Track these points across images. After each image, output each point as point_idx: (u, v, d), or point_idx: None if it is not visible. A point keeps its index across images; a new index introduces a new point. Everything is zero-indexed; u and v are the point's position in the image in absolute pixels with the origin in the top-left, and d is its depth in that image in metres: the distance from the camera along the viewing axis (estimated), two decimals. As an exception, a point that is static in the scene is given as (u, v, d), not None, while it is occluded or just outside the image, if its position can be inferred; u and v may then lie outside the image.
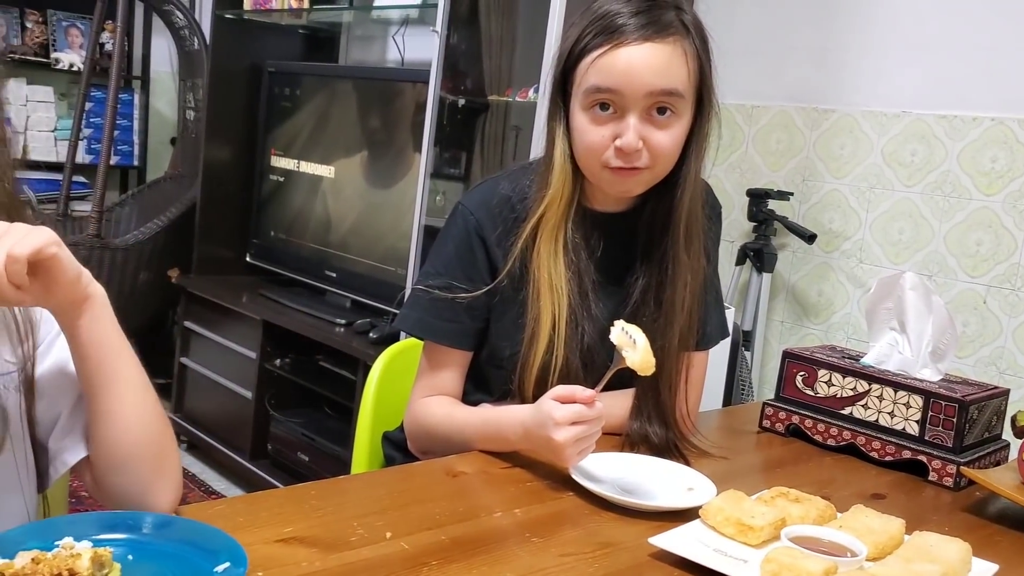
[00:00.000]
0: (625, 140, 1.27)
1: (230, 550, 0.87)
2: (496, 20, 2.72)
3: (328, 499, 1.11)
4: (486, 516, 1.11)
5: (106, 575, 0.82)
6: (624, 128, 1.27)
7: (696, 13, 1.33)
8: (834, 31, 2.57)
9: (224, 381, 3.37)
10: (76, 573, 0.79)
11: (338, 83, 3.36)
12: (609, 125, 1.28)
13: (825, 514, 1.14)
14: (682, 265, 1.36)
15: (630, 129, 1.27)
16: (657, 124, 1.28)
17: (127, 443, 0.96)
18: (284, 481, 3.06)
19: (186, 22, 3.92)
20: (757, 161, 2.74)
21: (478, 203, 1.40)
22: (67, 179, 3.84)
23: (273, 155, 3.54)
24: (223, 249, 3.68)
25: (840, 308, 2.58)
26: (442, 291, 1.37)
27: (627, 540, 1.07)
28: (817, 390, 1.53)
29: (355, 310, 3.13)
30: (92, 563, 0.81)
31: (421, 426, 1.42)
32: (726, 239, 2.29)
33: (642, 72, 1.25)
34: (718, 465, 1.35)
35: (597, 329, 1.37)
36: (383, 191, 3.12)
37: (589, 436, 1.20)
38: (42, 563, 0.79)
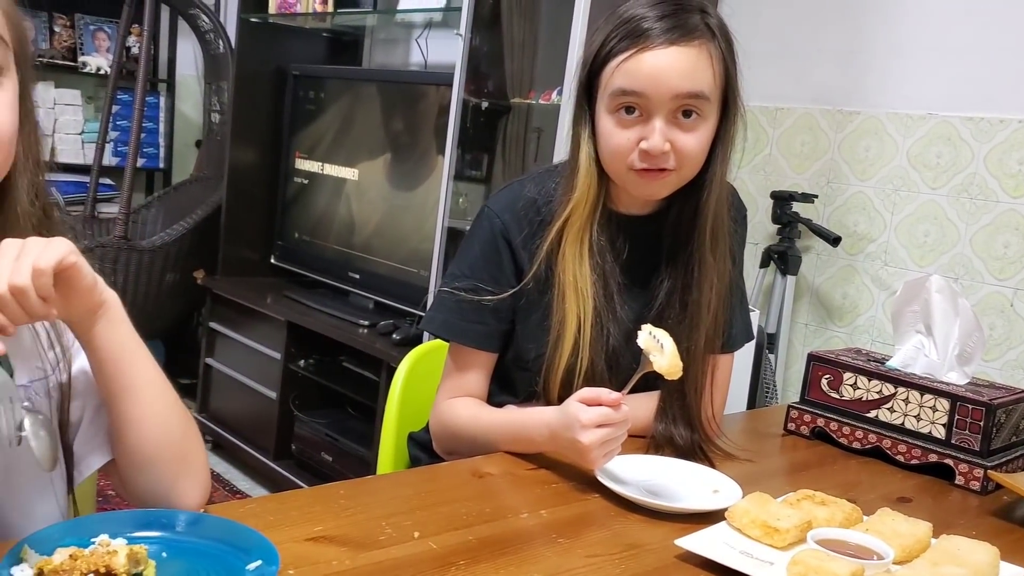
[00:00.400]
0: (651, 143, 1.27)
1: (262, 548, 0.88)
2: (519, 23, 2.73)
3: (356, 499, 1.12)
4: (512, 517, 1.12)
5: (141, 572, 0.84)
6: (650, 131, 1.28)
7: (721, 16, 1.33)
8: (859, 33, 2.56)
9: (249, 381, 3.39)
10: (113, 570, 0.81)
11: (362, 86, 3.38)
12: (635, 128, 1.29)
13: (851, 517, 1.14)
14: (708, 267, 1.36)
15: (656, 132, 1.27)
16: (683, 127, 1.29)
17: (149, 445, 0.97)
18: (308, 481, 3.08)
19: (211, 25, 3.95)
20: (781, 163, 2.73)
21: (504, 206, 1.41)
22: (94, 181, 3.88)
23: (297, 157, 3.56)
24: (248, 251, 3.71)
25: (865, 311, 2.57)
26: (468, 293, 1.38)
27: (653, 542, 1.08)
28: (842, 393, 1.53)
29: (378, 311, 3.15)
30: (128, 560, 0.82)
31: (447, 427, 1.43)
32: (750, 241, 2.28)
33: (668, 75, 1.26)
34: (743, 468, 1.35)
35: (622, 331, 1.38)
36: (406, 193, 3.13)
37: (615, 439, 1.20)
38: (80, 560, 0.81)
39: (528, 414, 1.32)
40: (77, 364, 1.01)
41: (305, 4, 3.42)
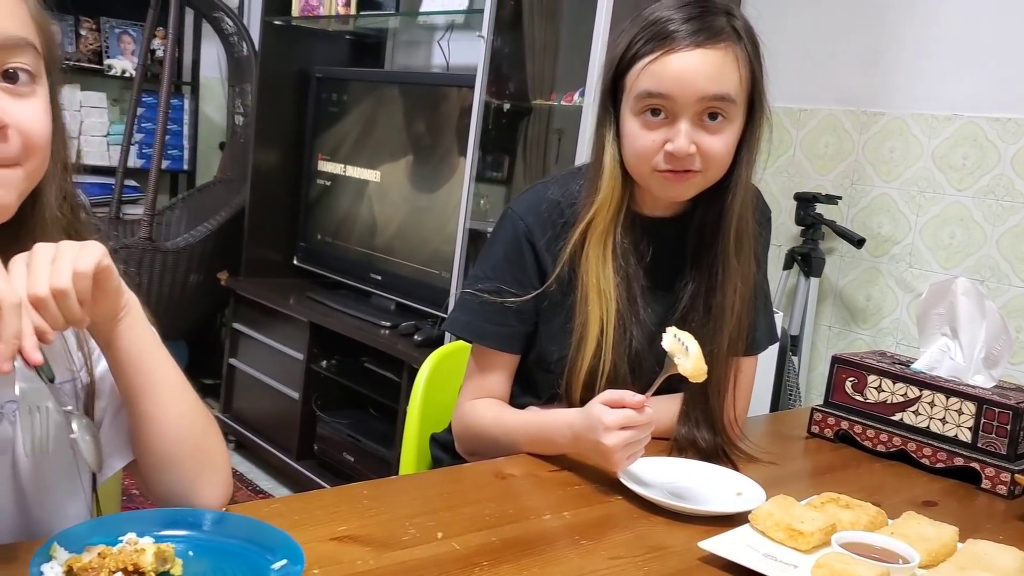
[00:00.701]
0: (677, 145, 1.27)
1: (287, 547, 0.89)
2: (540, 24, 2.73)
3: (380, 499, 1.12)
4: (535, 518, 1.12)
5: (169, 570, 0.85)
6: (675, 133, 1.27)
7: (747, 19, 1.33)
8: (883, 33, 2.54)
9: (271, 382, 3.41)
10: (140, 568, 0.82)
11: (384, 88, 3.39)
12: (660, 130, 1.29)
13: (876, 520, 1.13)
14: (732, 270, 1.36)
15: (681, 134, 1.27)
16: (709, 129, 1.28)
17: (168, 444, 0.97)
18: (330, 481, 3.09)
19: (235, 28, 3.98)
20: (805, 165, 2.72)
21: (527, 208, 1.41)
22: (119, 183, 3.91)
23: (320, 159, 3.58)
24: (271, 252, 3.73)
25: (889, 313, 2.55)
26: (491, 295, 1.39)
27: (676, 544, 1.07)
28: (867, 396, 1.52)
29: (400, 313, 3.16)
30: (156, 558, 0.83)
31: (469, 428, 1.43)
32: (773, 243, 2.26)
33: (694, 77, 1.26)
34: (767, 470, 1.35)
35: (645, 334, 1.38)
36: (428, 195, 3.14)
37: (638, 441, 1.20)
38: (108, 558, 0.81)
39: (551, 416, 1.33)
40: (101, 366, 1.02)
41: (328, 6, 3.44)
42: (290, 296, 3.42)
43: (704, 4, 1.29)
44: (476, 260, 1.49)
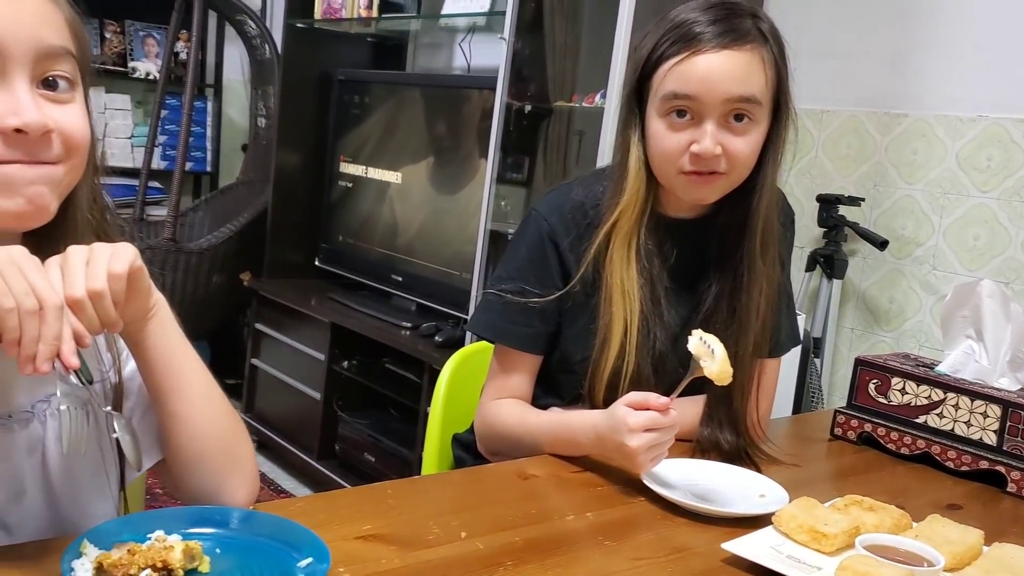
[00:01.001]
0: (702, 146, 1.27)
1: (313, 546, 0.90)
2: (562, 26, 2.74)
3: (404, 498, 1.13)
4: (558, 519, 1.12)
5: (196, 567, 0.86)
6: (701, 134, 1.28)
7: (772, 21, 1.33)
8: (907, 34, 2.53)
9: (293, 382, 3.43)
10: (169, 564, 0.83)
11: (406, 90, 3.41)
12: (686, 132, 1.29)
13: (900, 523, 1.13)
14: (758, 272, 1.36)
15: (707, 135, 1.27)
16: (734, 130, 1.29)
17: (197, 442, 0.98)
18: (351, 481, 3.11)
19: (258, 31, 4.00)
20: (827, 166, 2.71)
21: (551, 209, 1.41)
22: (143, 184, 3.95)
23: (342, 161, 3.60)
24: (293, 253, 3.75)
25: (912, 315, 2.54)
26: (514, 295, 1.39)
27: (699, 545, 1.07)
28: (890, 398, 1.51)
29: (421, 314, 3.17)
30: (184, 555, 0.84)
31: (492, 428, 1.44)
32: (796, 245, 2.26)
33: (720, 79, 1.26)
34: (789, 472, 1.35)
35: (669, 335, 1.38)
36: (449, 196, 3.15)
37: (662, 443, 1.20)
38: (137, 554, 0.82)
39: (574, 417, 1.33)
40: (130, 366, 1.03)
41: (350, 9, 3.45)
42: (312, 297, 3.44)
43: (730, 6, 1.30)
44: (499, 261, 1.49)
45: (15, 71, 0.84)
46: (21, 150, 0.85)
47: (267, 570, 0.88)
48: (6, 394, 0.94)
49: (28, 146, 0.85)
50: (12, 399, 0.94)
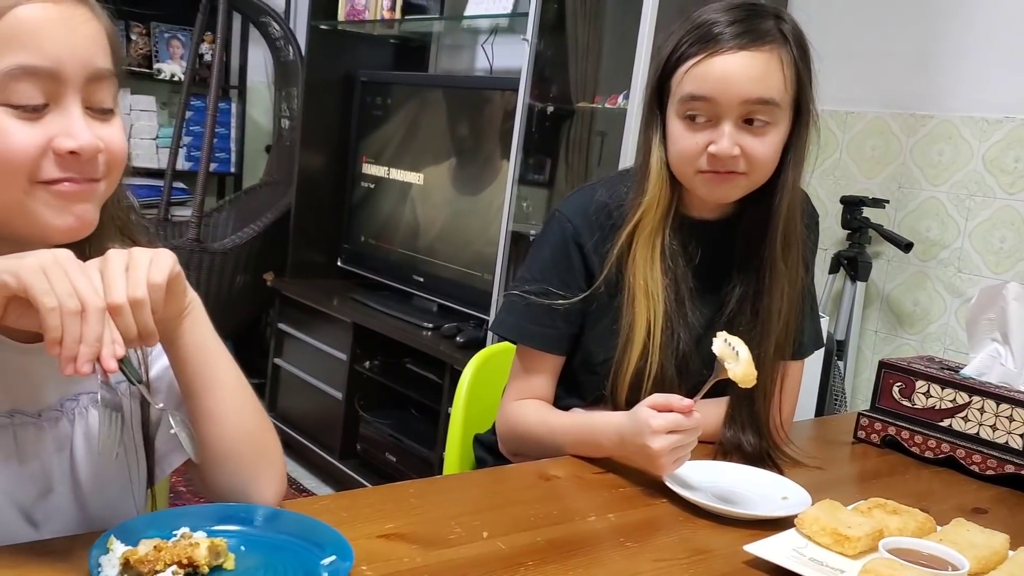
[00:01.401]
0: (719, 146, 1.27)
1: (336, 544, 0.90)
2: (584, 27, 2.74)
3: (426, 498, 1.13)
4: (580, 520, 1.12)
5: (221, 564, 0.86)
6: (719, 135, 1.27)
7: (796, 22, 1.32)
8: (932, 34, 2.51)
9: (315, 382, 3.45)
10: (194, 561, 0.83)
11: (428, 91, 3.42)
12: (704, 132, 1.29)
13: (924, 527, 1.12)
14: (779, 274, 1.36)
15: (725, 136, 1.27)
16: (753, 132, 1.28)
17: (227, 439, 0.99)
18: (372, 481, 3.12)
19: (282, 33, 4.03)
20: (851, 168, 2.69)
21: (575, 210, 1.41)
22: (168, 185, 3.98)
23: (364, 162, 3.61)
24: (316, 254, 3.77)
25: (937, 318, 2.52)
26: (537, 296, 1.39)
27: (721, 547, 1.07)
28: (915, 401, 1.50)
29: (442, 314, 3.18)
30: (209, 552, 0.85)
31: (513, 429, 1.44)
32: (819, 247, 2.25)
33: (737, 80, 1.26)
34: (812, 475, 1.34)
35: (693, 336, 1.37)
36: (471, 197, 3.16)
37: (685, 445, 1.20)
38: (163, 551, 0.83)
39: (596, 418, 1.33)
40: (159, 364, 1.04)
41: (373, 11, 3.47)
42: (334, 297, 3.46)
43: (752, 7, 1.29)
44: (523, 261, 1.49)
45: (69, 95, 0.87)
46: (72, 170, 0.87)
47: (291, 567, 0.89)
48: (36, 393, 0.95)
49: (78, 166, 0.88)
50: (42, 398, 0.95)
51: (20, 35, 0.83)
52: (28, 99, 0.84)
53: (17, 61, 0.83)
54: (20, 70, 0.83)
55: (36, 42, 0.84)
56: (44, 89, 0.85)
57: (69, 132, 0.86)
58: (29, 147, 0.85)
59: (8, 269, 0.80)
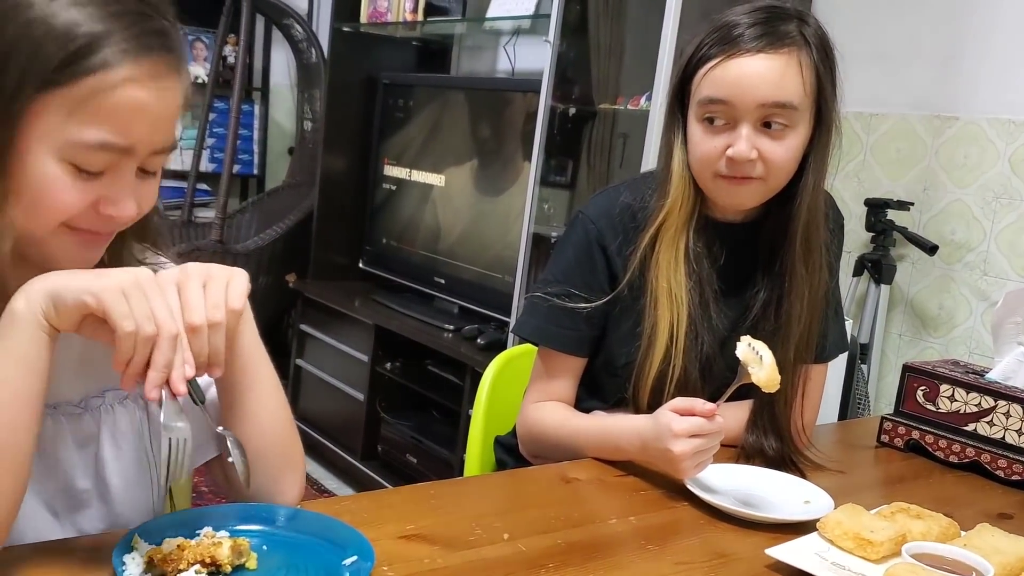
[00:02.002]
0: (736, 149, 1.26)
1: (358, 544, 0.91)
2: (607, 28, 2.73)
3: (447, 499, 1.14)
4: (601, 522, 1.12)
5: (244, 563, 0.87)
6: (736, 138, 1.27)
7: (820, 24, 1.31)
8: (958, 35, 2.49)
9: (337, 383, 3.46)
10: (217, 560, 0.84)
11: (450, 93, 3.42)
12: (722, 136, 1.28)
13: (948, 532, 1.11)
14: (799, 279, 1.35)
15: (742, 139, 1.26)
16: (771, 135, 1.27)
17: (262, 441, 1.00)
18: (393, 482, 3.12)
19: (305, 35, 4.05)
20: (876, 170, 2.67)
21: (599, 212, 1.41)
22: (191, 187, 4.01)
23: (386, 164, 3.62)
24: (338, 255, 3.79)
25: (962, 322, 2.50)
26: (560, 298, 1.39)
27: (743, 551, 1.07)
28: (939, 405, 1.49)
29: (463, 316, 3.18)
30: (231, 551, 0.85)
31: (534, 431, 1.44)
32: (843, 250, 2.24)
33: (753, 83, 1.25)
34: (835, 479, 1.33)
35: (717, 339, 1.37)
36: (492, 199, 3.16)
37: (707, 450, 1.20)
38: (187, 550, 0.84)
39: (618, 421, 1.33)
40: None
41: (395, 13, 3.48)
42: (355, 299, 3.47)
43: (774, 9, 1.28)
44: (546, 263, 1.49)
45: (129, 166, 0.87)
46: (101, 226, 0.89)
47: (313, 567, 0.89)
48: (52, 386, 0.95)
49: (109, 225, 0.89)
50: (58, 390, 0.96)
51: (118, 113, 0.83)
52: (93, 166, 0.85)
53: (104, 138, 0.83)
54: (102, 145, 0.83)
55: (128, 124, 0.84)
56: (111, 160, 0.85)
57: (116, 200, 0.87)
58: (74, 206, 0.85)
59: (89, 290, 0.81)
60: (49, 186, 0.83)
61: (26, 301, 0.82)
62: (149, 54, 0.83)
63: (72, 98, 0.81)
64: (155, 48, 0.84)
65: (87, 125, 0.82)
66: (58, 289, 0.82)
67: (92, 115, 0.82)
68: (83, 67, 0.80)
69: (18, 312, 0.82)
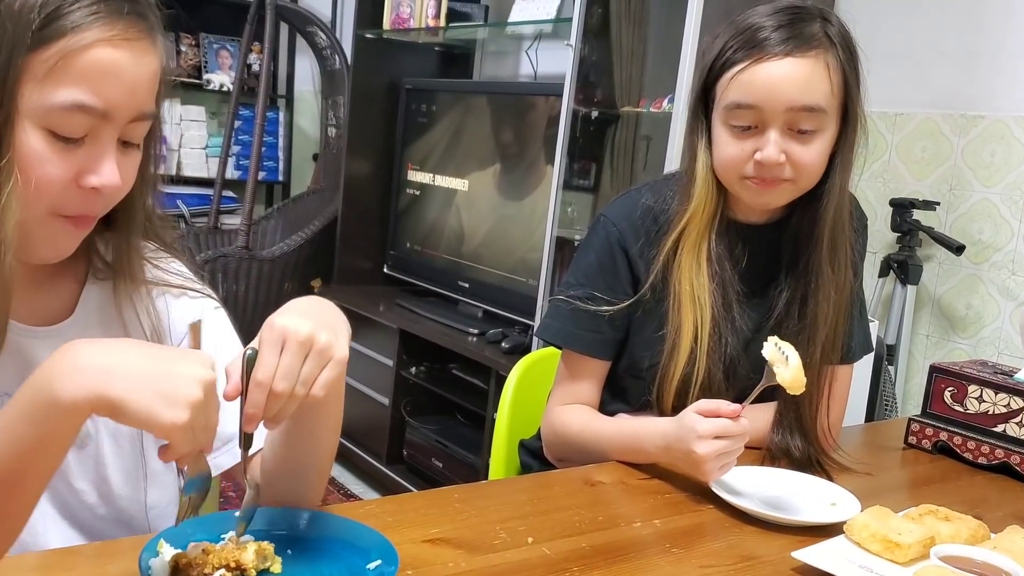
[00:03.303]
0: (766, 153, 1.26)
1: (382, 548, 0.91)
2: (629, 31, 2.73)
3: (471, 503, 1.14)
4: (625, 525, 1.12)
5: (268, 567, 0.87)
6: (765, 142, 1.26)
7: (843, 24, 1.30)
8: (982, 33, 2.47)
9: (362, 387, 3.47)
10: (242, 564, 0.85)
11: (472, 98, 3.43)
12: (750, 140, 1.27)
13: (977, 534, 1.10)
14: (826, 279, 1.34)
15: (771, 143, 1.26)
16: (799, 138, 1.27)
17: (315, 457, 1.00)
18: (418, 486, 3.13)
19: (328, 42, 4.07)
20: (901, 170, 2.65)
21: (621, 214, 1.41)
22: (217, 194, 4.04)
23: (410, 169, 3.64)
24: (362, 260, 3.80)
25: (990, 322, 2.47)
26: (583, 301, 1.39)
27: (769, 554, 1.06)
28: (967, 406, 1.48)
29: (487, 320, 3.19)
30: (256, 556, 0.86)
31: (558, 434, 1.44)
32: (868, 250, 2.23)
33: (783, 87, 1.24)
34: (862, 481, 1.32)
35: (741, 341, 1.36)
36: (515, 203, 3.16)
37: (732, 452, 1.19)
38: (212, 554, 0.85)
39: (642, 424, 1.32)
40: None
41: (418, 19, 3.49)
42: (380, 303, 3.48)
43: (798, 10, 1.27)
44: (568, 266, 1.49)
45: (109, 132, 0.88)
46: (87, 206, 0.89)
47: (337, 571, 0.90)
48: None
49: (93, 201, 0.89)
50: None
51: (90, 73, 0.84)
52: (72, 131, 0.85)
53: (77, 98, 0.84)
54: (76, 106, 0.84)
55: (101, 84, 0.85)
56: (89, 125, 0.86)
57: (98, 169, 0.87)
58: (57, 180, 0.86)
59: (158, 422, 0.76)
60: (33, 160, 0.84)
61: (72, 400, 0.76)
62: (120, 17, 0.85)
63: (45, 63, 0.83)
64: (124, 12, 0.86)
65: (61, 87, 0.83)
66: (121, 402, 0.75)
67: (65, 76, 0.83)
68: (54, 30, 0.82)
69: (64, 404, 0.76)
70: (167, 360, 0.78)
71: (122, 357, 0.78)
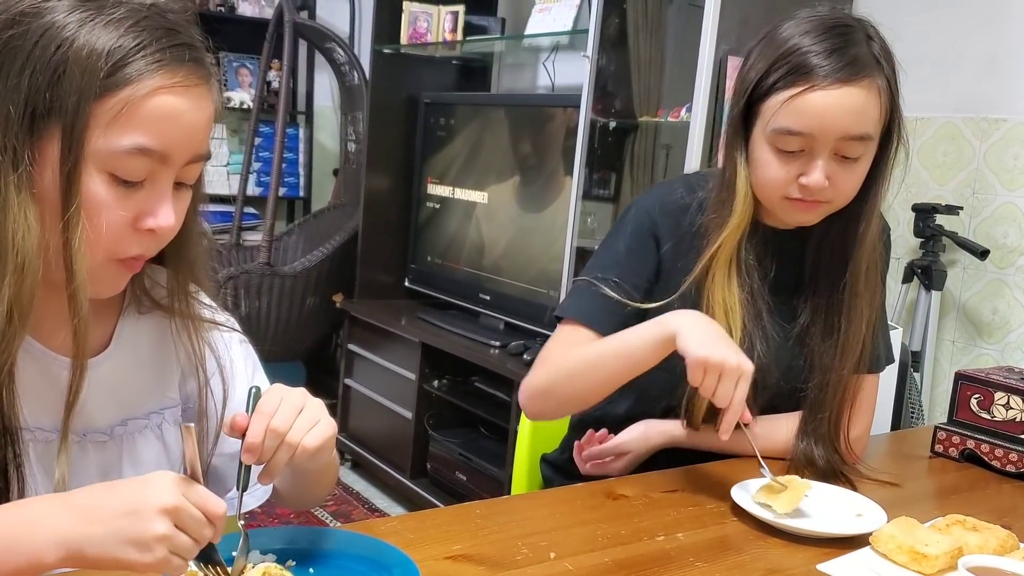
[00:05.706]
0: (812, 179, 1.25)
1: (403, 566, 0.91)
2: (645, 41, 2.73)
3: (492, 518, 1.13)
4: (648, 539, 1.11)
5: (286, 588, 0.87)
6: (812, 168, 1.25)
7: (883, 37, 1.29)
8: (1003, 36, 2.45)
9: (385, 401, 3.48)
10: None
11: (491, 111, 3.44)
12: (796, 163, 1.26)
13: (1006, 544, 1.08)
14: (860, 299, 1.33)
15: (818, 169, 1.25)
16: (844, 163, 1.26)
17: (328, 473, 1.06)
18: (443, 500, 3.13)
19: (347, 58, 4.09)
20: (923, 175, 2.63)
21: (654, 203, 1.40)
22: (239, 210, 4.06)
23: (429, 183, 3.65)
24: (383, 274, 3.82)
25: (1017, 327, 2.44)
26: (607, 286, 1.36)
27: (794, 566, 1.05)
28: (994, 413, 1.46)
29: (508, 332, 3.18)
30: (263, 577, 0.86)
31: (540, 378, 1.38)
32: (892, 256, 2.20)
33: (837, 116, 1.23)
34: (887, 491, 1.31)
35: (771, 348, 1.35)
36: (535, 215, 3.17)
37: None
38: None
39: (632, 329, 1.30)
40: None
41: (435, 33, 3.51)
42: (402, 317, 3.49)
43: (844, 31, 1.25)
44: (596, 250, 1.47)
45: (167, 175, 0.89)
46: (143, 247, 0.91)
47: (359, 589, 0.90)
48: (83, 413, 0.96)
49: (148, 243, 0.91)
50: (88, 419, 0.98)
51: (152, 119, 0.85)
52: (133, 175, 0.87)
53: (140, 142, 0.85)
54: (139, 150, 0.85)
55: (163, 129, 0.86)
56: (149, 168, 0.87)
57: (155, 212, 0.89)
58: (119, 223, 0.87)
59: (137, 569, 0.78)
60: (98, 204, 0.86)
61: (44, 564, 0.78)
62: (180, 65, 0.87)
63: (111, 110, 0.84)
64: (184, 59, 0.88)
65: (126, 133, 0.85)
66: (88, 556, 0.78)
67: (129, 122, 0.85)
68: (120, 78, 0.84)
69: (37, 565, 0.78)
70: (125, 499, 0.79)
71: (80, 512, 0.79)
